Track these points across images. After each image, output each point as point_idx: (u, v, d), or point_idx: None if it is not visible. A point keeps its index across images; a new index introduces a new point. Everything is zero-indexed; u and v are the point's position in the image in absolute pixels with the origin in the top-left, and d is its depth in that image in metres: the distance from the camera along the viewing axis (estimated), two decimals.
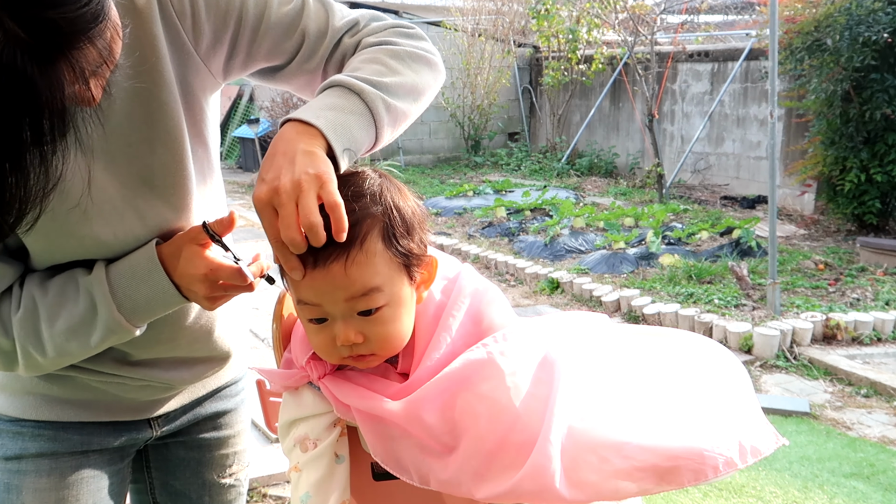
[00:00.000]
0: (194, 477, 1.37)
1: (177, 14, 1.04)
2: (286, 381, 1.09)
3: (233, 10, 1.07)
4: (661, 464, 0.96)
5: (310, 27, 1.11)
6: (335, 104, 0.99)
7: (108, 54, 0.79)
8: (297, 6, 1.11)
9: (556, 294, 5.98)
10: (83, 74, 0.75)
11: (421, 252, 1.04)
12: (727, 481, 3.16)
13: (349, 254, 0.96)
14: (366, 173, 1.04)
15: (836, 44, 6.60)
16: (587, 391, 1.04)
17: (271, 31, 1.10)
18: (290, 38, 1.11)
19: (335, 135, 0.97)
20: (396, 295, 1.00)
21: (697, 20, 10.80)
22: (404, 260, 1.01)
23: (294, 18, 1.11)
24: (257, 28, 1.09)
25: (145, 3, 1.01)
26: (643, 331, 1.22)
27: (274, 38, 1.11)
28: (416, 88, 1.09)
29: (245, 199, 10.30)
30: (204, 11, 1.05)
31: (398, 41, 1.12)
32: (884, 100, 6.60)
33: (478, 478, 0.98)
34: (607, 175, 10.84)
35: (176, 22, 1.04)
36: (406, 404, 1.00)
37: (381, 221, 0.99)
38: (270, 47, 1.11)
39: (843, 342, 4.79)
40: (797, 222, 7.86)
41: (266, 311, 1.12)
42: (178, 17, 1.04)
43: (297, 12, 1.11)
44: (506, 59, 12.16)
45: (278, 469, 3.15)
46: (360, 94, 1.01)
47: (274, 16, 1.09)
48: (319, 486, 1.05)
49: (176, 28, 1.05)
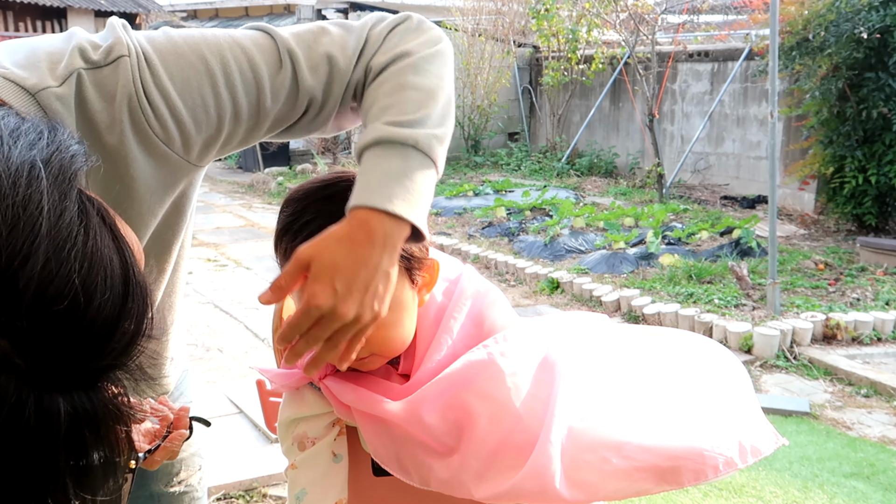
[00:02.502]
0: (140, 490, 1.28)
1: (162, 140, 0.92)
2: (287, 381, 1.10)
3: (225, 114, 0.94)
4: (662, 464, 0.97)
5: (314, 87, 0.98)
6: (398, 170, 0.91)
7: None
8: (290, 70, 0.97)
9: (556, 294, 5.98)
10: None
11: (422, 255, 1.04)
12: (727, 481, 3.16)
13: None
14: (354, 174, 1.04)
15: (820, 41, 6.60)
16: (587, 391, 1.04)
17: (271, 111, 0.98)
18: (294, 106, 0.99)
19: (413, 210, 0.90)
20: (397, 298, 0.99)
21: (698, 20, 10.79)
22: (405, 263, 1.01)
23: (292, 86, 0.97)
24: (255, 117, 0.97)
25: (117, 142, 0.90)
26: (643, 331, 1.22)
27: (277, 115, 0.99)
28: (446, 96, 1.00)
29: (245, 199, 10.29)
30: (193, 128, 0.93)
31: (407, 48, 1.00)
32: (880, 98, 6.60)
33: (478, 478, 0.98)
34: (607, 175, 10.84)
35: (160, 146, 0.93)
36: (406, 405, 1.00)
37: None
38: (273, 124, 1.00)
39: (843, 342, 4.79)
40: (797, 222, 7.86)
41: (266, 312, 1.12)
42: (166, 143, 0.93)
43: (293, 78, 0.97)
44: (506, 59, 12.15)
45: (278, 469, 3.15)
46: (416, 146, 0.92)
47: (270, 97, 0.96)
48: (315, 483, 1.05)
49: (161, 151, 0.93)
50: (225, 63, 0.93)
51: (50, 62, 0.86)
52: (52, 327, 0.49)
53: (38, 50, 0.88)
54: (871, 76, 6.63)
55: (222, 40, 0.95)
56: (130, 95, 0.89)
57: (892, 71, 6.61)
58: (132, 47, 0.90)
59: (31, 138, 0.54)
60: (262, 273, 6.63)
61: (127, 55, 0.89)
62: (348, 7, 12.98)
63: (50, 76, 0.85)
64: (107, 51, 0.89)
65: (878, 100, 6.60)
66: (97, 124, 0.89)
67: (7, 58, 0.86)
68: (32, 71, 0.85)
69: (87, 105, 0.88)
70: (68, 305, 0.49)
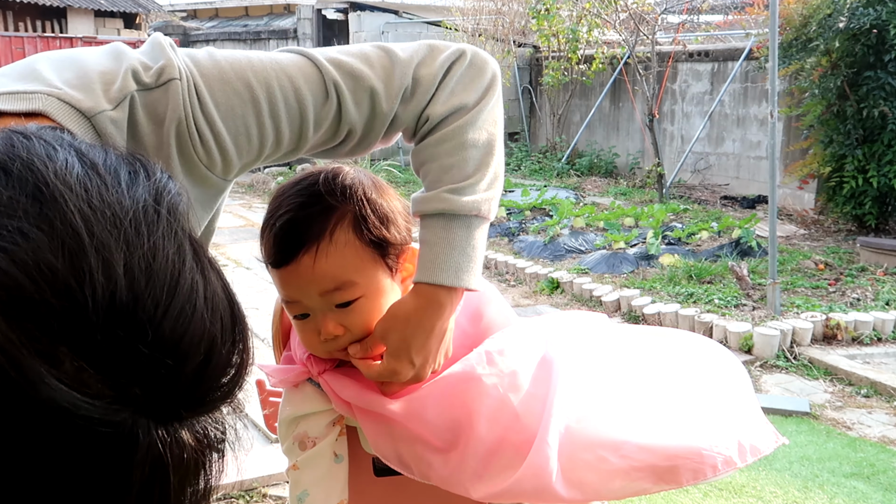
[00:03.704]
0: None
1: (205, 165, 0.92)
2: (286, 377, 1.10)
3: (267, 141, 0.94)
4: (660, 463, 0.97)
5: (356, 121, 0.98)
6: (462, 241, 0.98)
7: None
8: (335, 102, 0.95)
9: (556, 294, 5.98)
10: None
11: (397, 241, 1.03)
12: (727, 481, 3.16)
13: (318, 246, 0.97)
14: (341, 169, 1.05)
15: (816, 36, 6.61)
16: (586, 391, 1.04)
17: (311, 139, 0.97)
18: (334, 136, 0.99)
19: (474, 277, 1.00)
20: (373, 285, 1.01)
21: (698, 20, 10.79)
22: (379, 250, 1.01)
23: (335, 118, 0.96)
24: (295, 143, 0.97)
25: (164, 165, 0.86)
26: (643, 331, 1.23)
27: (316, 142, 0.99)
28: (500, 142, 1.03)
29: (245, 199, 10.30)
30: (234, 154, 0.92)
31: (466, 101, 0.99)
32: (881, 97, 6.60)
33: (476, 478, 0.98)
34: (607, 175, 10.84)
35: (203, 169, 0.92)
36: (406, 402, 1.00)
37: (351, 211, 1.00)
38: (310, 149, 1.00)
39: (844, 342, 4.79)
40: (797, 222, 7.86)
41: (266, 311, 1.12)
42: (208, 167, 0.92)
43: (337, 110, 0.96)
44: (506, 59, 12.15)
45: (278, 469, 3.14)
46: (478, 214, 0.99)
47: (313, 127, 0.95)
48: (317, 484, 1.05)
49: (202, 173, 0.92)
50: (270, 92, 0.92)
51: (103, 83, 0.84)
52: (186, 374, 0.49)
53: (90, 70, 0.85)
54: (871, 74, 6.63)
55: (269, 67, 0.94)
56: (180, 120, 0.87)
57: (890, 69, 6.60)
58: (183, 71, 0.88)
59: (129, 175, 0.52)
60: (261, 273, 6.63)
61: (178, 78, 0.87)
62: (348, 7, 12.98)
63: (104, 99, 0.83)
64: (158, 72, 0.87)
65: (878, 98, 6.59)
66: (146, 147, 0.87)
67: (55, 75, 0.83)
68: (87, 93, 0.82)
69: (137, 128, 0.86)
70: (204, 352, 0.50)
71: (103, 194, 0.48)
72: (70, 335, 0.44)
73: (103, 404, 0.44)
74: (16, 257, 0.43)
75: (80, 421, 0.44)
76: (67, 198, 0.46)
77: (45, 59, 0.86)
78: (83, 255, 0.45)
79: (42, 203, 0.46)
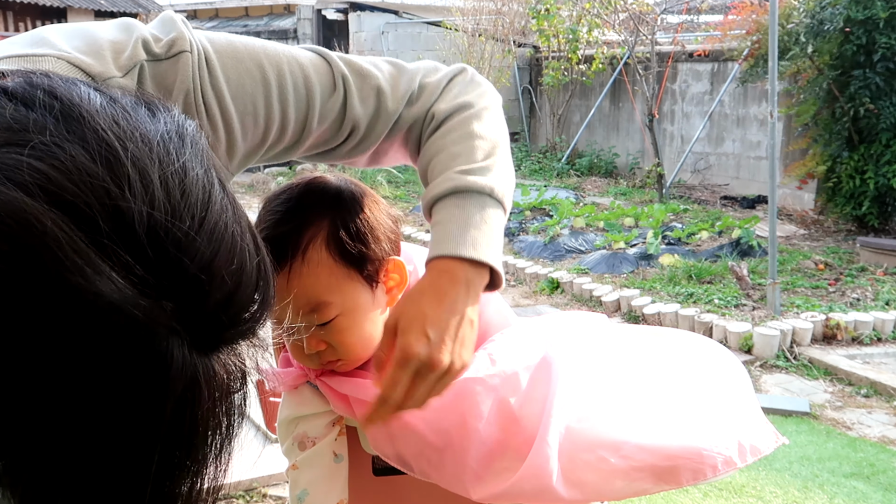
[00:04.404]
0: None
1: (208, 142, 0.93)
2: (284, 380, 1.10)
3: (272, 125, 0.93)
4: (660, 463, 0.97)
5: (360, 117, 0.98)
6: (477, 218, 0.94)
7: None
8: (342, 95, 0.96)
9: (556, 294, 5.98)
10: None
11: (377, 257, 1.01)
12: (727, 481, 3.16)
13: (291, 266, 0.96)
14: (324, 179, 1.04)
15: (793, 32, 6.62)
16: (586, 391, 1.04)
17: (315, 132, 0.97)
18: (338, 132, 0.99)
19: (493, 255, 0.93)
20: (350, 303, 0.99)
21: (697, 20, 10.79)
22: (356, 266, 0.99)
23: (340, 111, 0.97)
24: (299, 134, 0.96)
25: None
26: (642, 331, 1.22)
27: (319, 136, 0.99)
28: (507, 145, 1.04)
29: (245, 200, 10.29)
30: (239, 134, 0.92)
31: (469, 100, 1.01)
32: (866, 95, 6.61)
33: (476, 479, 0.98)
34: (607, 175, 10.84)
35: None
36: None
37: (325, 229, 0.98)
38: (312, 145, 1.00)
39: (843, 342, 4.79)
40: (797, 222, 7.86)
41: None
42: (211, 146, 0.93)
43: (343, 103, 0.97)
44: (506, 59, 12.15)
45: (278, 469, 3.14)
46: (491, 194, 0.95)
47: (318, 118, 0.95)
48: (317, 483, 1.05)
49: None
50: (281, 75, 0.93)
51: (113, 52, 0.83)
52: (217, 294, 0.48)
53: (99, 38, 0.85)
54: (858, 73, 6.63)
55: (281, 53, 0.94)
56: (187, 92, 0.87)
57: (878, 69, 6.61)
58: (194, 45, 0.88)
59: (148, 110, 0.52)
60: None
61: (188, 51, 0.87)
62: (348, 7, 12.98)
63: (114, 66, 0.82)
64: (168, 44, 0.86)
65: (863, 97, 6.61)
66: None
67: (65, 42, 0.82)
68: (97, 59, 0.82)
69: None
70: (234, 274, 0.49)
71: (129, 119, 0.48)
72: (114, 238, 0.43)
73: (147, 306, 0.44)
74: (55, 162, 0.43)
75: (122, 319, 0.43)
76: (96, 117, 0.46)
77: (55, 29, 0.85)
78: (120, 164, 0.45)
79: (71, 121, 0.45)
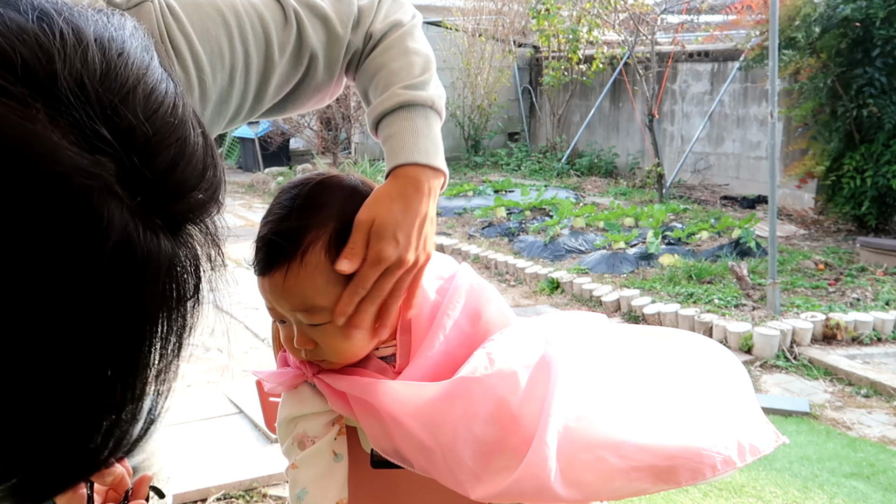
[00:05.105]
0: None
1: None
2: (283, 380, 1.10)
3: (238, 64, 0.97)
4: (659, 463, 0.96)
5: (316, 45, 1.04)
6: (424, 129, 1.05)
7: None
8: (295, 26, 1.02)
9: (556, 294, 5.98)
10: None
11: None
12: (727, 481, 3.16)
13: (289, 266, 0.97)
14: (338, 179, 1.05)
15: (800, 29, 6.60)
16: (585, 391, 1.04)
17: (278, 66, 1.01)
18: (298, 63, 1.03)
19: (442, 160, 1.06)
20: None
21: (698, 20, 10.79)
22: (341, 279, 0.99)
23: (296, 42, 1.02)
24: (263, 73, 1.00)
25: None
26: (642, 330, 1.22)
27: (282, 73, 1.02)
28: (433, 55, 1.13)
29: (245, 199, 10.30)
30: (210, 77, 0.94)
31: (399, 18, 1.10)
32: (870, 94, 6.58)
33: (474, 478, 0.98)
34: (607, 175, 10.84)
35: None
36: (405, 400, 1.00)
37: (327, 234, 0.98)
38: (278, 84, 1.04)
39: (843, 342, 4.79)
40: (797, 222, 7.86)
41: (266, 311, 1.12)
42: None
43: (297, 34, 1.02)
44: (506, 59, 12.16)
45: (278, 469, 3.15)
46: (433, 106, 1.07)
47: (278, 51, 1.00)
48: (316, 482, 1.05)
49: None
50: (238, 16, 0.97)
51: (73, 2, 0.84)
52: (159, 156, 0.46)
53: None
54: (860, 72, 6.62)
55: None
56: (155, 42, 0.87)
57: (878, 66, 6.59)
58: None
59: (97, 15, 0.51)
60: None
61: (150, 0, 0.88)
62: None
63: None
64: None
65: (867, 96, 6.59)
66: None
67: None
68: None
69: None
70: (176, 140, 0.47)
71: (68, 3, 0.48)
72: (44, 91, 0.42)
73: (82, 162, 0.41)
74: None
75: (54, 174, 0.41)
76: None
77: None
78: (51, 20, 0.44)
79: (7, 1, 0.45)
